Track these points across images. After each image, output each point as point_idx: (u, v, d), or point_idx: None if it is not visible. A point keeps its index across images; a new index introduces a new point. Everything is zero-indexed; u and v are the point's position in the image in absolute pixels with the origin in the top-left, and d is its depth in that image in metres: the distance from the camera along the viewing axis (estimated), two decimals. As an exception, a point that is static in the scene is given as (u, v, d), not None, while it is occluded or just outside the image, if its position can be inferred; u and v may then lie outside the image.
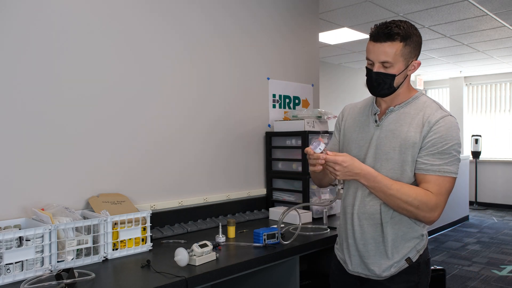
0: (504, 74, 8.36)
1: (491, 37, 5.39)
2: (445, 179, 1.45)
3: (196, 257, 1.64)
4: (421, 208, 1.44)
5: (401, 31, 1.46)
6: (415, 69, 1.54)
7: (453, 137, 1.46)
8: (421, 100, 1.56)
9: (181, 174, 2.37)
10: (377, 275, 1.54)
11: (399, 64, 1.49)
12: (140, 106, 2.19)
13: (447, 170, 1.45)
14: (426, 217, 1.46)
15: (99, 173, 2.03)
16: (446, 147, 1.45)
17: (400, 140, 1.50)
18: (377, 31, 1.49)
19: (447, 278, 4.10)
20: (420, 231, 1.54)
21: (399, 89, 1.54)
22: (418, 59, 1.55)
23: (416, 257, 1.53)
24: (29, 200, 1.80)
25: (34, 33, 1.82)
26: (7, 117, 1.75)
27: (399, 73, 1.50)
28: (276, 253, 1.84)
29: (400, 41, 1.46)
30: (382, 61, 1.49)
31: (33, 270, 1.53)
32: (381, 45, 1.48)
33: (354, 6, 4.12)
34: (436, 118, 1.48)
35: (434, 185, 1.45)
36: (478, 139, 8.23)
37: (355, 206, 1.58)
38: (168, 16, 2.31)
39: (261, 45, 2.83)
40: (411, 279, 1.53)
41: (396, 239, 1.52)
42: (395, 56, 1.47)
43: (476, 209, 8.02)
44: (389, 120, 1.56)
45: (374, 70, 1.51)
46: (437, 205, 1.45)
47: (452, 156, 1.46)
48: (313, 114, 2.69)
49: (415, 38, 1.49)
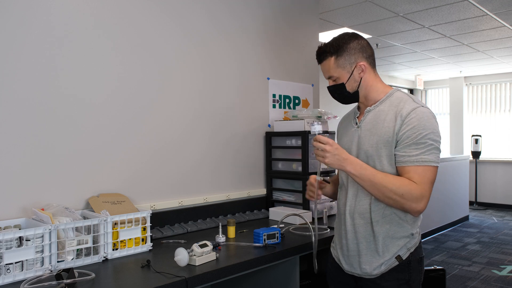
0: (504, 74, 8.36)
1: (491, 37, 5.39)
2: (425, 168, 1.48)
3: (196, 257, 1.64)
4: (406, 197, 1.47)
5: (327, 48, 1.64)
6: (364, 70, 1.63)
7: (426, 127, 1.49)
8: (395, 96, 1.62)
9: (181, 174, 2.37)
10: (368, 274, 1.57)
11: (342, 73, 1.63)
12: (140, 106, 2.19)
13: (425, 159, 1.48)
14: (412, 207, 1.49)
15: (99, 173, 2.03)
16: (420, 136, 1.48)
17: (377, 137, 1.56)
18: (316, 56, 1.70)
19: (447, 278, 4.10)
20: (410, 230, 1.57)
21: (366, 91, 1.65)
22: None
23: (407, 255, 1.56)
24: (29, 200, 1.80)
25: (34, 33, 1.82)
26: (7, 117, 1.75)
27: (347, 80, 1.63)
28: (276, 253, 1.84)
29: (331, 56, 1.63)
30: (328, 77, 1.68)
31: (33, 270, 1.53)
32: (322, 65, 1.69)
33: (354, 6, 4.12)
34: (407, 110, 1.52)
35: (414, 174, 1.48)
36: (478, 139, 8.23)
37: (347, 205, 1.64)
38: (173, 17, 2.31)
39: (261, 45, 2.84)
40: (401, 277, 1.56)
41: (386, 237, 1.56)
42: (333, 69, 1.64)
43: (476, 209, 8.02)
44: (367, 120, 1.64)
45: (328, 86, 1.71)
46: (422, 195, 1.47)
47: (428, 145, 1.48)
48: (313, 114, 2.69)
49: (350, 45, 1.62)
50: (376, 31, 5.07)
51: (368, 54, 1.65)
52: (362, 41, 1.65)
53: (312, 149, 2.60)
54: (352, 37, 1.64)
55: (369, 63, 1.65)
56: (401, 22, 4.66)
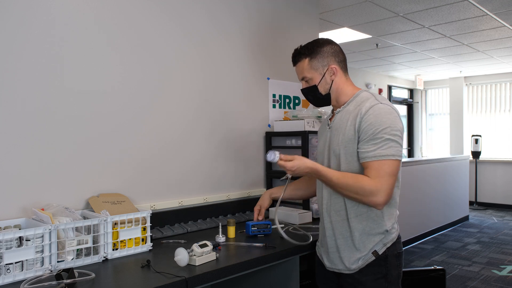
0: (504, 74, 8.36)
1: (491, 37, 5.40)
2: (381, 163, 1.53)
3: (196, 257, 1.64)
4: (360, 193, 1.54)
5: (302, 50, 1.76)
6: (335, 73, 1.73)
7: (382, 122, 1.54)
8: (360, 96, 1.69)
9: (181, 174, 2.37)
10: (347, 269, 1.65)
11: (315, 75, 1.74)
12: (140, 106, 2.19)
13: (381, 154, 1.53)
14: (370, 201, 1.54)
15: (99, 173, 2.03)
16: (377, 132, 1.54)
17: (342, 136, 1.65)
18: (291, 58, 1.81)
19: (447, 278, 4.10)
20: (385, 226, 1.62)
21: (336, 93, 1.74)
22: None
23: (383, 250, 1.62)
24: (29, 200, 1.80)
25: (34, 33, 1.82)
26: (8, 116, 1.75)
27: (319, 81, 1.73)
28: (276, 253, 1.84)
29: (305, 58, 1.75)
30: (301, 78, 1.78)
31: (33, 270, 1.53)
32: (296, 67, 1.80)
33: (354, 6, 4.12)
34: (366, 108, 1.59)
35: (371, 170, 1.55)
36: (478, 139, 8.23)
37: (323, 204, 1.74)
38: (173, 17, 2.31)
39: (261, 45, 2.83)
40: (378, 271, 1.62)
41: (363, 233, 1.62)
42: (307, 70, 1.75)
43: (476, 209, 8.02)
44: (336, 120, 1.73)
45: (301, 88, 1.81)
46: (377, 188, 1.52)
47: (385, 139, 1.53)
48: (313, 114, 2.69)
49: (323, 49, 1.73)
50: (376, 31, 5.07)
51: (340, 59, 1.75)
52: (336, 47, 1.76)
53: (312, 149, 2.61)
54: (326, 42, 1.76)
55: (340, 67, 1.74)
56: (401, 22, 4.66)
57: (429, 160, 6.10)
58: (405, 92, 9.64)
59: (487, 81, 8.60)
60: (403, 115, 9.72)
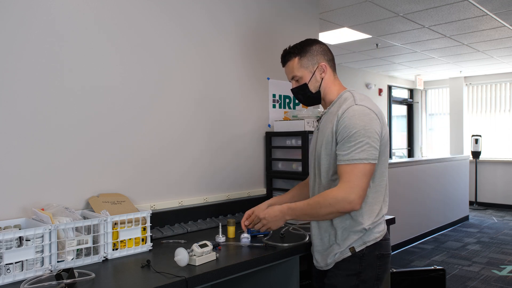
0: (504, 74, 8.36)
1: (491, 37, 5.39)
2: (353, 166, 1.53)
3: (196, 257, 1.64)
4: (334, 204, 1.54)
5: (292, 49, 1.77)
6: (325, 71, 1.74)
7: (356, 124, 1.54)
8: (343, 97, 1.69)
9: (181, 174, 2.37)
10: (328, 265, 1.67)
11: (305, 73, 1.75)
12: (140, 106, 2.19)
13: (354, 158, 1.53)
14: (346, 207, 1.53)
15: (99, 173, 2.03)
16: (350, 135, 1.54)
17: (323, 137, 1.66)
18: (280, 58, 1.83)
19: (447, 278, 4.10)
20: (362, 224, 1.61)
21: (324, 92, 1.75)
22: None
23: (361, 247, 1.62)
24: (29, 200, 1.80)
25: (34, 33, 1.82)
26: (8, 116, 1.75)
27: (309, 79, 1.75)
28: (276, 253, 1.84)
29: (295, 57, 1.76)
30: (291, 77, 1.79)
31: (33, 270, 1.53)
32: (286, 67, 1.82)
33: (354, 6, 4.12)
34: (343, 110, 1.59)
35: (344, 173, 1.55)
36: (478, 139, 8.23)
37: None
38: (173, 17, 2.31)
39: (261, 45, 2.83)
40: (351, 268, 1.62)
41: (344, 231, 1.63)
42: (297, 69, 1.76)
43: (476, 209, 8.02)
44: (322, 122, 1.74)
45: (291, 88, 1.81)
46: (348, 192, 1.52)
47: (358, 143, 1.53)
48: (313, 114, 2.69)
49: (312, 47, 1.75)
50: (376, 31, 5.07)
51: (329, 57, 1.77)
52: (324, 46, 1.78)
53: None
54: (315, 41, 1.78)
55: (329, 66, 1.76)
56: (401, 22, 4.66)
57: (429, 160, 6.10)
58: (405, 92, 9.64)
59: (487, 81, 8.60)
60: (403, 115, 9.72)
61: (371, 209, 1.63)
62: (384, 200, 1.68)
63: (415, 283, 3.19)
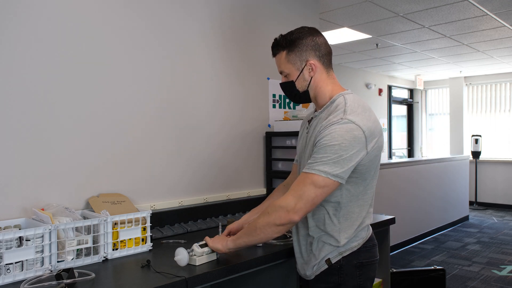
0: (504, 74, 8.36)
1: (491, 37, 5.40)
2: (307, 175, 1.42)
3: (196, 257, 1.64)
4: (270, 213, 1.46)
5: (280, 41, 1.59)
6: (314, 70, 1.57)
7: (333, 139, 1.40)
8: (334, 104, 1.54)
9: (181, 174, 2.37)
10: (307, 276, 1.63)
11: (292, 70, 1.59)
12: (140, 106, 2.19)
13: (314, 168, 1.41)
14: (282, 217, 1.43)
15: (99, 173, 2.03)
16: (322, 147, 1.41)
17: (309, 147, 1.56)
18: (271, 48, 1.64)
19: (447, 278, 4.10)
20: (337, 243, 1.53)
21: (314, 92, 1.60)
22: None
23: (337, 258, 1.55)
24: (29, 200, 1.80)
25: (35, 32, 1.82)
26: (7, 116, 1.75)
27: (297, 78, 1.59)
28: (276, 253, 1.84)
29: (283, 50, 1.58)
30: (280, 72, 1.64)
31: (33, 270, 1.53)
32: (275, 59, 1.64)
33: (354, 6, 4.12)
34: (329, 123, 1.45)
35: (295, 182, 1.46)
36: (478, 139, 8.23)
37: None
38: (173, 17, 2.31)
39: (261, 45, 2.83)
40: (331, 280, 1.56)
41: (319, 241, 1.57)
42: (284, 64, 1.60)
43: (476, 209, 8.02)
44: (312, 126, 1.61)
45: (280, 82, 1.67)
46: (290, 200, 1.42)
47: (326, 156, 1.40)
48: (313, 114, 2.68)
49: (303, 41, 1.55)
50: (376, 31, 5.07)
51: (322, 53, 1.57)
52: (318, 39, 1.57)
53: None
54: (308, 33, 1.57)
55: (321, 63, 1.57)
56: (401, 22, 4.66)
57: (429, 160, 6.10)
58: (405, 92, 9.64)
59: (487, 81, 8.60)
60: (403, 115, 9.73)
61: (351, 225, 1.54)
62: (368, 212, 1.58)
63: (415, 283, 3.20)
